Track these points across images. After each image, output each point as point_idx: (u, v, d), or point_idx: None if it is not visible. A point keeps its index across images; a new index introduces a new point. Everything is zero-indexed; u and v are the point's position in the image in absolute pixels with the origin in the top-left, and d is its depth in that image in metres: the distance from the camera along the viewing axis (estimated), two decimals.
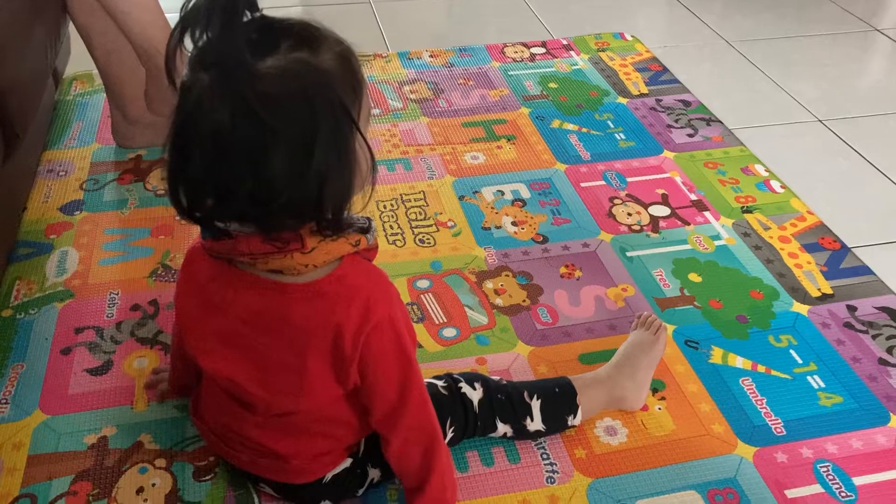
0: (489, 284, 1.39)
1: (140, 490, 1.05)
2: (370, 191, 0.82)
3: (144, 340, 1.27)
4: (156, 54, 1.51)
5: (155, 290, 1.36)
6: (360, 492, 1.03)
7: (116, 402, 1.16)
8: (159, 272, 1.40)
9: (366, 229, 0.85)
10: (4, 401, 1.16)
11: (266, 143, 0.71)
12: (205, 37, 0.71)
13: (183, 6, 0.71)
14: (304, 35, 0.75)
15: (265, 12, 0.75)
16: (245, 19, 0.72)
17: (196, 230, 0.86)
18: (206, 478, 1.06)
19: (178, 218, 0.79)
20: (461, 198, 1.59)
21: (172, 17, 1.48)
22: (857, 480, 1.08)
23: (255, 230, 0.79)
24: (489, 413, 1.08)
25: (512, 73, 2.04)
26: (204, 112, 0.71)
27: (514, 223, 1.53)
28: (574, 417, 1.12)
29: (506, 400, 1.09)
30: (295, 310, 0.84)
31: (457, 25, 2.37)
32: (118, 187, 1.60)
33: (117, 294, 1.35)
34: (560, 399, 1.11)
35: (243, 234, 0.80)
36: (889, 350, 1.28)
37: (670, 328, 1.31)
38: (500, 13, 2.41)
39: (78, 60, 1.85)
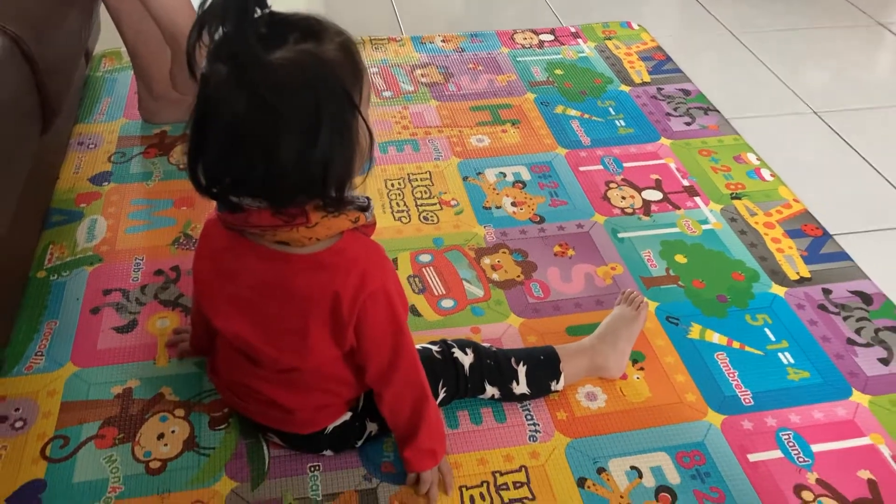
0: (487, 260, 1.48)
1: (161, 436, 1.16)
2: (369, 170, 0.91)
3: (167, 303, 1.38)
4: (180, 36, 1.61)
5: (177, 257, 1.47)
6: (359, 443, 1.14)
7: (140, 358, 1.28)
8: (181, 240, 1.50)
9: (365, 207, 0.95)
10: (40, 353, 1.27)
11: (277, 127, 0.81)
12: (220, 32, 0.80)
13: (201, 5, 0.81)
14: (308, 28, 0.84)
15: None
16: (256, 16, 0.81)
17: (215, 203, 0.95)
18: (221, 427, 1.18)
19: None
20: (465, 178, 1.69)
21: (197, 1, 1.59)
22: (815, 447, 1.18)
23: (266, 205, 0.88)
24: (479, 376, 1.18)
25: (520, 59, 2.12)
26: (220, 100, 0.81)
27: (513, 203, 1.62)
28: (557, 383, 1.22)
29: (494, 365, 1.19)
30: (298, 278, 0.94)
31: (471, 11, 2.45)
32: (144, 160, 1.71)
33: (142, 259, 1.46)
34: (544, 366, 1.21)
35: (255, 209, 0.89)
36: (857, 331, 1.37)
37: (654, 305, 1.40)
38: (514, 0, 2.49)
39: (107, 39, 1.95)
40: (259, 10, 0.82)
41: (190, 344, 1.27)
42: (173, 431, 1.17)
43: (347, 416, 1.10)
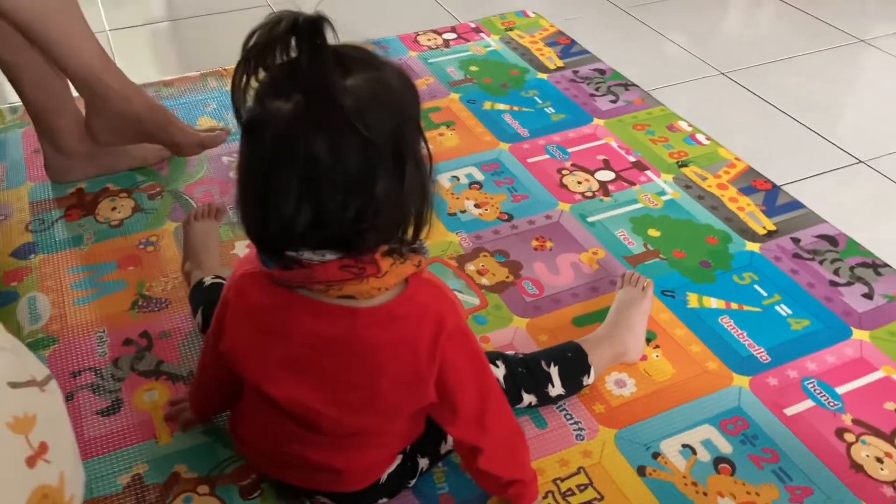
0: (471, 267, 1.44)
1: None
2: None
3: (147, 373, 1.25)
4: (94, 80, 1.46)
5: (141, 322, 1.33)
6: (412, 482, 1.07)
7: (139, 439, 1.15)
8: (140, 304, 1.37)
9: (421, 249, 0.87)
10: None
11: (372, 161, 0.73)
12: (278, 62, 0.72)
13: (254, 32, 0.72)
14: (361, 57, 0.76)
15: None
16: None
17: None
18: (254, 495, 1.07)
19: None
20: None
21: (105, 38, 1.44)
22: (840, 389, 1.22)
23: (335, 257, 0.79)
24: (513, 386, 1.14)
25: (431, 60, 2.09)
26: (294, 144, 0.72)
27: (476, 205, 1.59)
28: (588, 377, 1.20)
29: (527, 372, 1.15)
30: (368, 333, 0.85)
31: (360, 19, 2.38)
32: (68, 224, 1.55)
33: (104, 332, 1.32)
34: (574, 362, 1.19)
35: (318, 263, 0.79)
36: (836, 272, 1.43)
37: None
38: (402, 2, 2.45)
39: None
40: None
41: (192, 410, 1.15)
42: None
43: (399, 459, 1.03)
